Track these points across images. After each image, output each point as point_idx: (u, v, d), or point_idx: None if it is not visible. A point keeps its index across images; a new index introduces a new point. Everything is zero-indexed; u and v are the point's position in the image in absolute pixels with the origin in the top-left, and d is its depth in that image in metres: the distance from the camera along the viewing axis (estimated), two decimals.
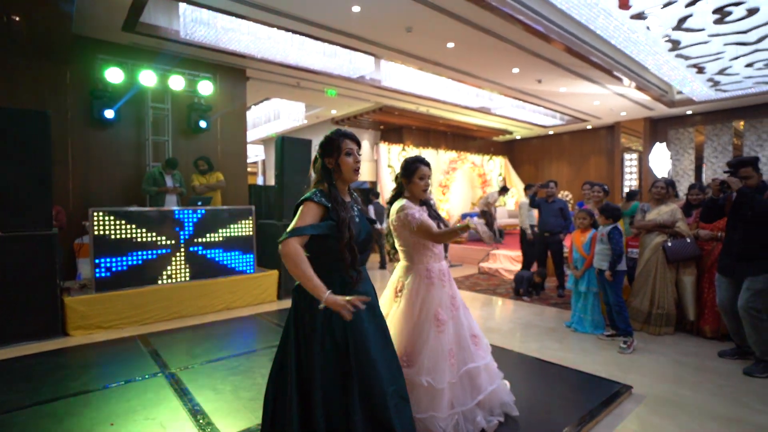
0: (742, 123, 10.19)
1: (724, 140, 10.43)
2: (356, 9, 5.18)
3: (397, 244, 2.38)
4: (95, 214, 4.29)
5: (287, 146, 5.55)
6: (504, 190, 10.04)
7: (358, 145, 1.79)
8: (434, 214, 2.37)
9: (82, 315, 4.16)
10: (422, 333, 2.18)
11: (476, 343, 2.31)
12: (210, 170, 6.19)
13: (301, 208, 1.66)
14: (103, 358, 3.55)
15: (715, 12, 5.23)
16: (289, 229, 1.59)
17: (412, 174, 2.31)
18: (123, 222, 4.44)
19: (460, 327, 2.26)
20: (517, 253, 7.45)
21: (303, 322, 1.66)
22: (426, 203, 2.40)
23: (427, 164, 2.36)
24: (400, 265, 2.38)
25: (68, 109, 5.63)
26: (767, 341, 3.09)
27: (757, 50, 6.38)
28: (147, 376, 3.11)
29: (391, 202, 2.41)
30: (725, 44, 6.19)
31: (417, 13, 5.27)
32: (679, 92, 9.07)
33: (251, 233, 5.43)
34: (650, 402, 2.71)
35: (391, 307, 2.31)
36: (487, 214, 9.23)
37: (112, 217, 4.37)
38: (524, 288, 5.65)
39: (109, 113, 5.63)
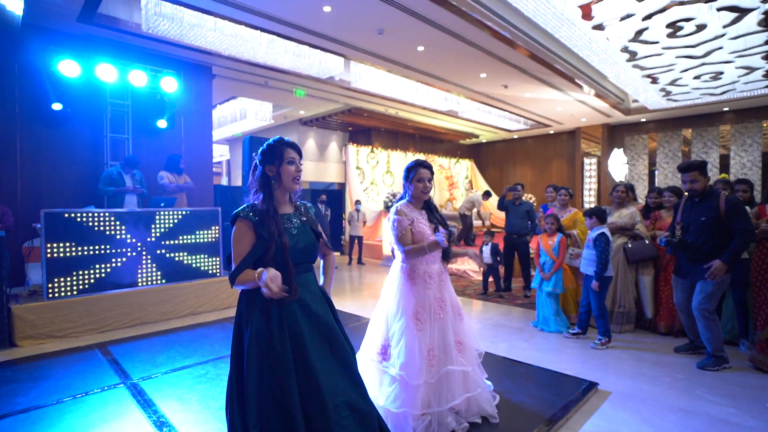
0: (690, 131, 10.88)
1: (674, 147, 11.09)
2: (327, 9, 5.13)
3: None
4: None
5: (255, 146, 5.42)
6: (487, 194, 10.16)
7: (300, 155, 1.77)
8: (436, 218, 2.40)
9: (32, 324, 3.88)
10: (398, 328, 2.22)
11: (460, 350, 2.33)
12: (181, 172, 6.02)
13: (234, 230, 1.65)
14: (57, 369, 3.30)
15: (668, 26, 5.55)
16: (234, 269, 1.60)
17: (411, 176, 2.35)
18: (78, 224, 4.18)
19: (446, 330, 2.28)
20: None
21: (244, 330, 1.63)
22: (428, 206, 2.44)
23: (427, 167, 2.38)
24: (394, 262, 2.46)
25: (17, 102, 5.26)
26: (718, 338, 3.29)
27: (703, 63, 6.83)
28: (106, 388, 2.93)
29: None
30: (676, 57, 6.59)
31: (388, 15, 5.28)
32: (635, 101, 9.58)
33: (217, 236, 5.25)
34: (614, 398, 2.83)
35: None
36: (468, 218, 9.24)
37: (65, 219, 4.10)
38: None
39: (56, 105, 5.26)
